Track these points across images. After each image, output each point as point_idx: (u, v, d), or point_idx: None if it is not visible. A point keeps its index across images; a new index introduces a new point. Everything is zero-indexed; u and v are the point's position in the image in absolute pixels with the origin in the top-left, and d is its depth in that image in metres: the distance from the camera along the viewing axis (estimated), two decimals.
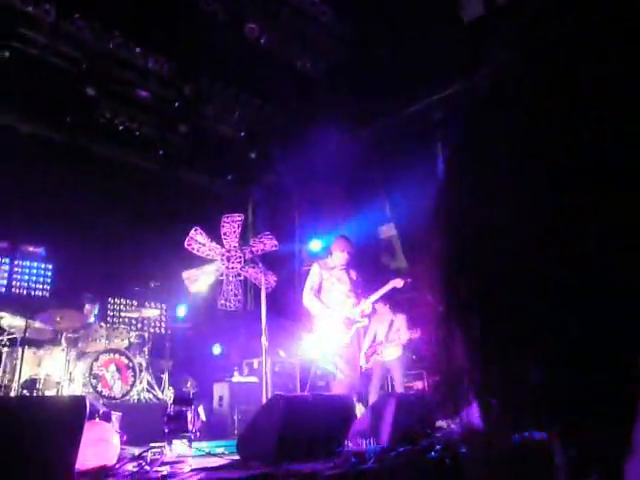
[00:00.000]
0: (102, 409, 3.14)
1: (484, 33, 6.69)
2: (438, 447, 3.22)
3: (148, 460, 2.68)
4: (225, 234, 7.57)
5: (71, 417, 2.23)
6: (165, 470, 2.48)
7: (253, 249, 7.31)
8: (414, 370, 7.94)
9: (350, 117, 8.05)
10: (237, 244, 7.63)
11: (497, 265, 0.76)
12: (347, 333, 4.82)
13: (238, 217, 7.68)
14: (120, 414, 3.41)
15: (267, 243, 7.58)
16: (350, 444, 3.28)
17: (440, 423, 4.42)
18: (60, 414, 2.22)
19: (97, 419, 2.93)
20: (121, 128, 7.98)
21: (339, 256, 5.02)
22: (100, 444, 2.68)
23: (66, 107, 7.50)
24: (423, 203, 8.19)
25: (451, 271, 0.83)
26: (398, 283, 5.06)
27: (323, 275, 4.99)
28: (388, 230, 9.65)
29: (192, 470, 2.52)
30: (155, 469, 2.47)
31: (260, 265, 5.75)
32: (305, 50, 7.24)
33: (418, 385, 7.70)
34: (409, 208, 8.30)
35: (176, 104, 7.85)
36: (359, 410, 4.45)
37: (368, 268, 8.86)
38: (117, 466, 2.56)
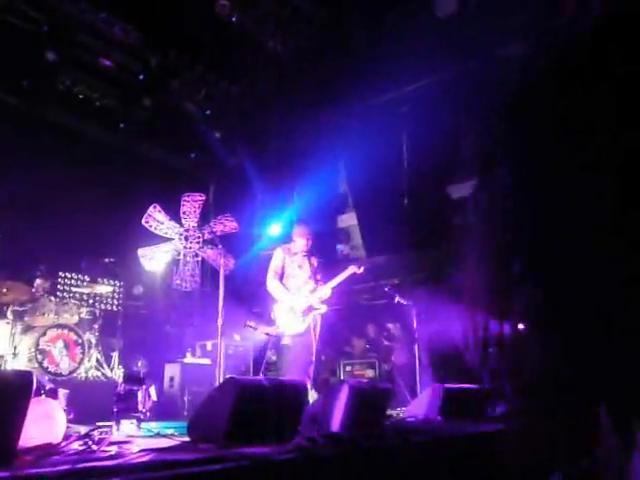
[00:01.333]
0: (48, 385, 3.04)
1: (456, 30, 6.76)
2: (390, 434, 3.27)
3: (95, 439, 2.61)
4: (185, 213, 7.43)
5: (16, 393, 2.15)
6: (113, 450, 2.42)
7: (212, 230, 7.21)
8: (366, 359, 8.06)
9: (317, 101, 8.02)
10: (196, 224, 7.51)
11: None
12: (305, 320, 4.84)
13: (199, 197, 7.55)
14: (67, 391, 3.32)
15: (227, 225, 7.48)
16: (302, 430, 3.29)
17: (391, 411, 4.51)
18: (5, 389, 2.13)
19: (43, 396, 2.83)
20: (81, 97, 7.70)
21: (300, 242, 5.06)
22: (45, 421, 2.59)
23: (24, 70, 7.16)
24: (388, 192, 8.27)
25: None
26: (357, 270, 5.12)
27: (285, 260, 5.02)
28: (347, 219, 9.70)
29: (141, 450, 2.47)
30: (102, 448, 2.41)
31: (219, 247, 5.67)
32: (276, 31, 7.14)
33: (369, 374, 7.82)
34: (372, 197, 8.37)
35: (140, 76, 7.62)
36: (312, 397, 4.47)
37: (326, 256, 8.90)
38: (62, 444, 2.49)
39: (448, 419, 4.05)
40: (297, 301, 4.88)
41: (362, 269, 5.18)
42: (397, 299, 6.09)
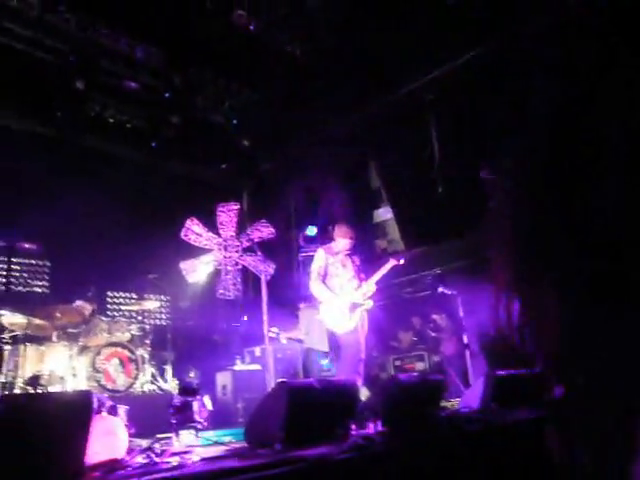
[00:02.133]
0: (108, 402, 3.15)
1: (467, 15, 6.65)
2: (445, 426, 3.25)
3: (157, 451, 2.69)
4: (221, 223, 7.57)
5: (79, 412, 2.24)
6: (175, 461, 2.49)
7: (250, 237, 7.30)
8: (415, 352, 8.01)
9: (342, 102, 8.01)
10: (234, 233, 7.63)
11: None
12: (352, 318, 4.85)
13: (234, 206, 7.68)
14: (127, 407, 3.43)
15: (264, 231, 7.58)
16: (357, 427, 3.31)
17: (445, 403, 4.47)
18: (67, 409, 2.22)
19: (104, 413, 2.93)
20: (111, 121, 7.92)
21: (343, 242, 5.07)
22: (108, 437, 2.68)
23: (55, 101, 7.41)
24: (419, 184, 8.21)
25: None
26: (397, 262, 5.11)
27: (328, 260, 5.03)
28: (383, 213, 9.66)
29: (202, 459, 2.53)
30: (165, 460, 2.49)
31: (258, 253, 5.74)
32: (294, 36, 7.18)
33: (419, 366, 7.77)
34: (406, 188, 8.31)
35: (166, 95, 7.78)
36: (364, 394, 4.48)
37: (364, 253, 8.89)
38: (127, 459, 2.58)
39: (502, 407, 3.99)
40: (342, 300, 4.89)
41: (402, 260, 5.17)
42: (441, 289, 6.04)
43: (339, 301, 4.89)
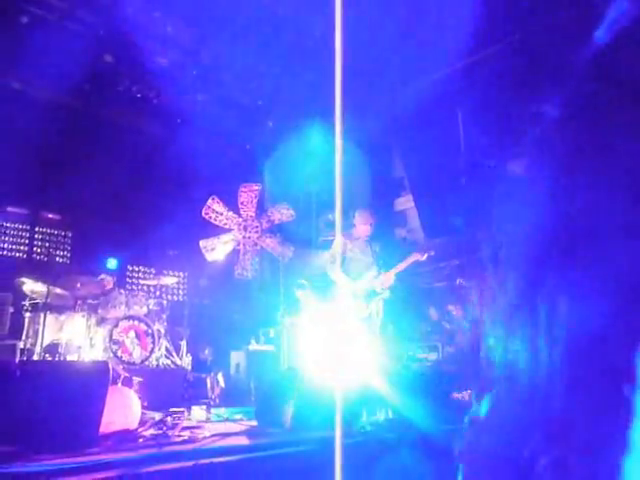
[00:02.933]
0: (124, 374, 3.20)
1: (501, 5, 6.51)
2: (454, 418, 3.24)
3: (169, 425, 2.74)
4: (242, 203, 7.60)
5: (96, 381, 2.28)
6: (186, 435, 2.53)
7: (270, 219, 7.32)
8: (429, 342, 7.98)
9: (369, 89, 7.92)
10: (254, 214, 7.65)
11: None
12: (368, 305, 4.82)
13: (256, 187, 7.69)
14: (141, 379, 3.48)
15: (284, 213, 7.59)
16: (365, 413, 3.33)
17: (457, 394, 4.46)
18: (85, 378, 2.26)
19: (119, 384, 2.99)
20: (139, 96, 7.94)
21: (362, 228, 5.04)
22: (122, 408, 2.73)
23: (85, 74, 7.45)
24: (444, 174, 8.12)
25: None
26: (420, 256, 5.05)
27: (347, 245, 5.00)
28: (404, 202, 9.59)
29: (212, 435, 2.57)
30: (177, 433, 2.53)
31: (278, 235, 5.74)
32: (323, 19, 7.09)
33: (433, 357, 7.75)
34: (429, 178, 8.23)
35: (194, 72, 7.77)
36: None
37: (384, 241, 8.85)
38: (139, 430, 2.62)
39: None
40: (359, 286, 4.87)
41: (426, 256, 5.11)
42: (458, 281, 5.98)
43: (355, 287, 4.87)
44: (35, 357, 5.33)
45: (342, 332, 5.05)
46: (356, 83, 7.62)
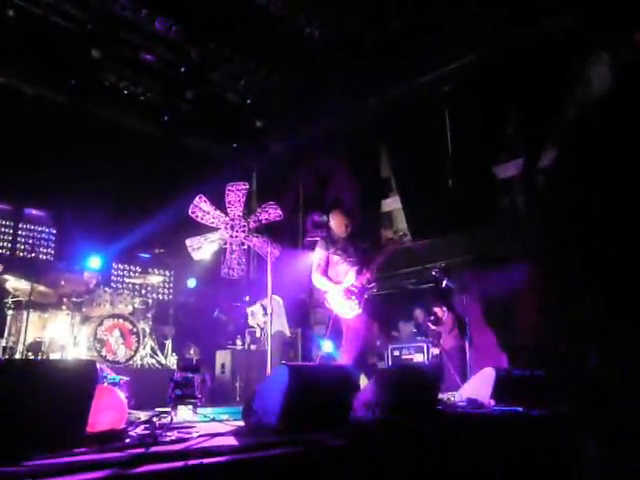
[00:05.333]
0: (110, 374, 3.17)
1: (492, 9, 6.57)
2: (441, 418, 3.26)
3: (156, 424, 2.71)
4: (230, 202, 7.56)
5: (83, 381, 2.25)
6: (174, 435, 2.51)
7: (258, 218, 7.30)
8: (414, 343, 8.03)
9: (357, 87, 7.94)
10: (241, 213, 7.63)
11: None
12: (358, 303, 4.81)
13: (243, 186, 7.66)
14: (127, 379, 3.45)
15: (272, 213, 7.57)
16: (355, 414, 3.33)
17: (442, 395, 4.49)
18: (72, 378, 2.23)
19: (105, 383, 2.95)
20: (126, 92, 7.88)
21: (339, 229, 5.01)
22: (109, 408, 2.70)
23: (71, 69, 7.37)
24: (430, 176, 8.17)
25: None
26: (397, 244, 5.11)
27: (329, 249, 4.98)
28: (391, 203, 9.62)
29: (200, 436, 2.55)
30: (164, 434, 2.51)
31: (265, 235, 5.71)
32: (314, 18, 7.09)
33: (418, 358, 7.80)
34: (416, 180, 8.26)
35: (182, 69, 7.72)
36: (362, 381, 4.49)
37: (370, 241, 8.86)
38: (126, 430, 2.60)
39: (500, 403, 4.00)
40: (345, 287, 4.87)
41: (400, 238, 5.18)
42: (445, 283, 6.02)
43: (343, 288, 4.87)
44: (17, 355, 5.26)
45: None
46: (345, 84, 7.64)
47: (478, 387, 4.24)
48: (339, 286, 4.85)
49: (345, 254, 4.98)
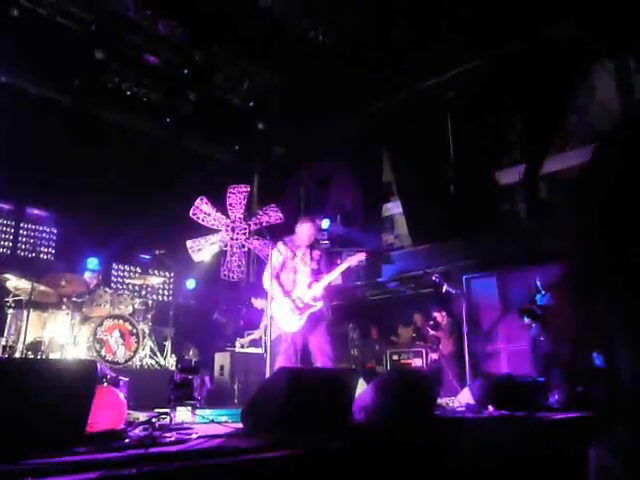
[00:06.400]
0: (110, 374, 3.17)
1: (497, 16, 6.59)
2: (439, 423, 3.26)
3: (155, 425, 2.71)
4: (231, 205, 7.58)
5: (83, 381, 2.26)
6: (173, 436, 2.51)
7: (259, 221, 7.31)
8: (413, 348, 8.02)
9: (359, 91, 7.96)
10: (242, 215, 7.65)
11: None
12: (299, 319, 4.61)
13: (244, 188, 7.69)
14: (127, 379, 3.45)
15: (272, 215, 7.59)
16: (353, 418, 3.33)
17: (440, 400, 4.49)
18: (72, 378, 2.24)
19: (105, 384, 2.95)
20: (129, 93, 7.90)
21: (303, 236, 4.83)
22: (109, 408, 2.70)
23: (75, 70, 7.40)
24: (432, 181, 8.18)
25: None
26: (359, 257, 4.89)
27: (287, 254, 4.81)
28: (392, 207, 9.64)
29: (199, 437, 2.55)
30: (164, 434, 2.51)
31: (267, 237, 5.65)
32: (318, 21, 7.12)
33: (417, 363, 7.79)
34: (418, 185, 8.27)
35: (185, 71, 7.74)
36: (361, 385, 4.47)
37: (370, 245, 8.87)
38: (125, 430, 2.60)
39: (499, 408, 4.00)
40: (294, 298, 4.67)
41: (356, 260, 4.92)
42: (445, 288, 6.01)
43: (291, 299, 4.65)
44: (17, 355, 5.25)
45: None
46: (347, 88, 7.66)
47: (477, 392, 4.24)
48: (286, 298, 4.65)
49: (301, 262, 4.81)
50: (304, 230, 4.83)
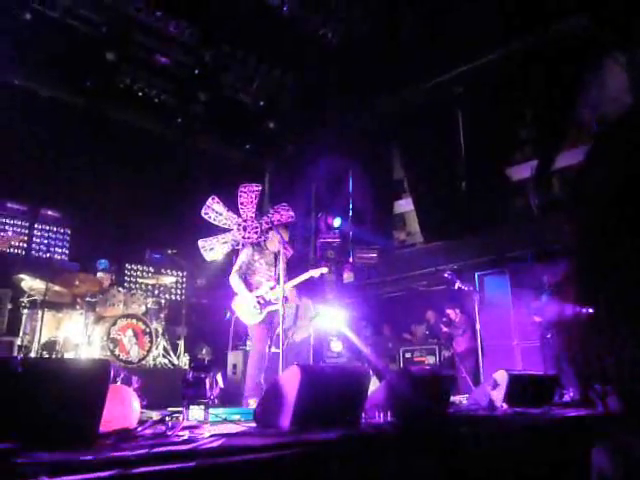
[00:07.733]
0: (123, 373, 3.19)
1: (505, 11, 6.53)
2: (453, 421, 3.24)
3: (169, 424, 2.73)
4: (242, 204, 7.59)
5: (96, 380, 2.27)
6: (186, 435, 2.52)
7: (270, 219, 7.32)
8: (426, 345, 7.99)
9: (370, 88, 7.93)
10: (253, 214, 7.65)
11: None
12: (259, 314, 4.88)
13: (256, 187, 7.69)
14: (140, 378, 3.47)
15: (284, 214, 7.59)
16: (366, 416, 3.32)
17: (454, 398, 4.46)
18: (86, 377, 2.25)
19: (119, 383, 2.97)
20: (140, 94, 7.94)
21: (273, 244, 5.08)
22: (122, 407, 2.72)
23: (86, 71, 7.45)
24: (443, 178, 8.14)
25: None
26: (317, 273, 5.14)
27: (255, 256, 5.04)
28: (404, 205, 9.61)
29: (211, 436, 2.56)
30: (176, 433, 2.52)
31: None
32: (328, 20, 7.10)
33: (430, 360, 7.76)
34: (429, 182, 8.24)
35: (196, 71, 7.77)
36: (373, 384, 4.47)
37: (382, 243, 8.85)
38: (139, 429, 2.61)
39: (513, 406, 3.97)
40: (255, 295, 4.92)
41: (319, 272, 5.15)
42: (457, 285, 5.99)
43: (253, 298, 4.91)
44: (32, 354, 5.31)
45: None
46: (360, 82, 7.63)
47: (491, 390, 4.22)
48: (250, 294, 4.89)
49: (267, 265, 5.04)
50: (274, 238, 5.05)
